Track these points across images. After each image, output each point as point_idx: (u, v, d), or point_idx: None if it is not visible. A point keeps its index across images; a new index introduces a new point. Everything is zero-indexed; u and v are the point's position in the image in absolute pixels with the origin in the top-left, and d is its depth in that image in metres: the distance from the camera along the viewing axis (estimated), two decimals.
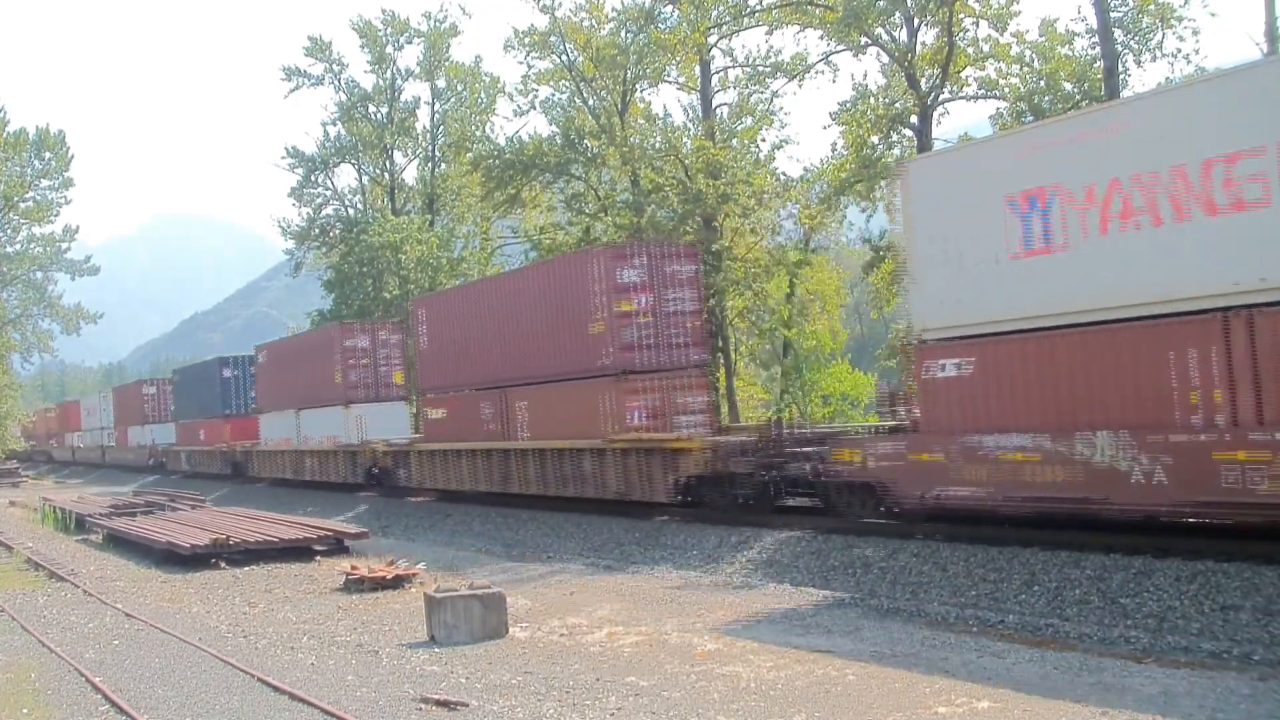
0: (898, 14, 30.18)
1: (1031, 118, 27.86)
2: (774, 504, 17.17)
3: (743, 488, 17.34)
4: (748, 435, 18.70)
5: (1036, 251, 12.38)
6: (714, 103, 38.04)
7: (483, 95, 50.36)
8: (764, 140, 37.93)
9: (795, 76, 34.52)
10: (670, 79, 38.92)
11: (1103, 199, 11.76)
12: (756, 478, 16.96)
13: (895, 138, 31.94)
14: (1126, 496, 11.33)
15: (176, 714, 8.92)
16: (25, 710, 9.36)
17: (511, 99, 44.24)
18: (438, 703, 8.75)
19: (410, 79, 51.25)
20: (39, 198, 61.56)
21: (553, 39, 38.65)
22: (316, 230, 52.83)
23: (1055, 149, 12.39)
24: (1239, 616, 9.77)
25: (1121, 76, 26.17)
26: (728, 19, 34.35)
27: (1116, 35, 26.33)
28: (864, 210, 33.90)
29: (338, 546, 19.07)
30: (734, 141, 37.17)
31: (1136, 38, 26.83)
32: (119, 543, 22.10)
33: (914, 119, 30.81)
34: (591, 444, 19.65)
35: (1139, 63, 27.02)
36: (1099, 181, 11.81)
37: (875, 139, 31.55)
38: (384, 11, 50.47)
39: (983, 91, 30.94)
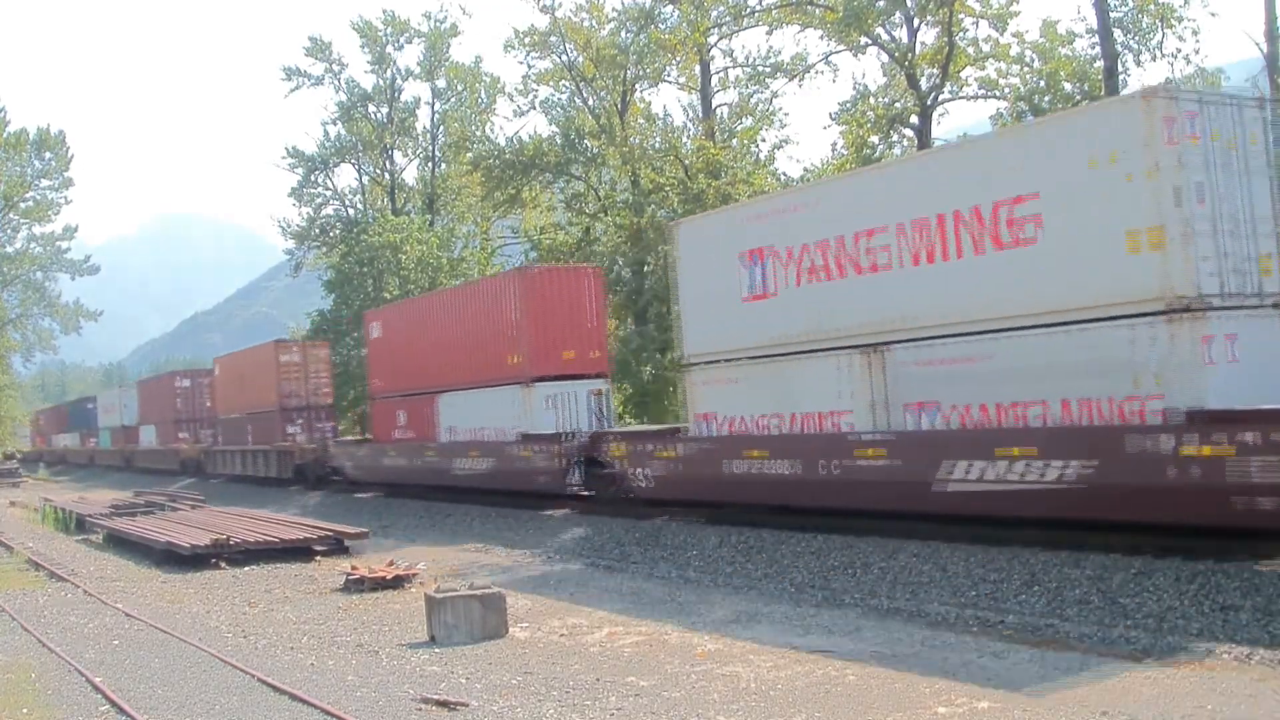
0: (898, 14, 30.22)
1: (1032, 117, 27.92)
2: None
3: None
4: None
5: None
6: (714, 103, 38.09)
7: (483, 95, 50.43)
8: (764, 140, 38.01)
9: (795, 76, 34.59)
10: (670, 79, 39.01)
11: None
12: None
13: (895, 138, 32.00)
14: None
15: (176, 714, 8.92)
16: (25, 710, 9.36)
17: (511, 99, 44.42)
18: (438, 703, 8.75)
19: (410, 79, 51.37)
20: (39, 198, 61.81)
21: (553, 39, 38.70)
22: (316, 230, 52.89)
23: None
24: (1239, 616, 9.77)
25: (1121, 77, 26.22)
26: (728, 19, 34.38)
27: (1116, 35, 26.38)
28: None
29: (338, 546, 19.06)
30: (734, 141, 37.18)
31: (1136, 38, 26.89)
32: (119, 543, 22.10)
33: (914, 119, 30.85)
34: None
35: (1139, 63, 27.10)
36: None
37: (875, 139, 31.57)
38: (384, 11, 50.59)
39: (983, 91, 31.00)
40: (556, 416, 21.37)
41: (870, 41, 30.93)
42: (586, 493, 20.50)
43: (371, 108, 51.39)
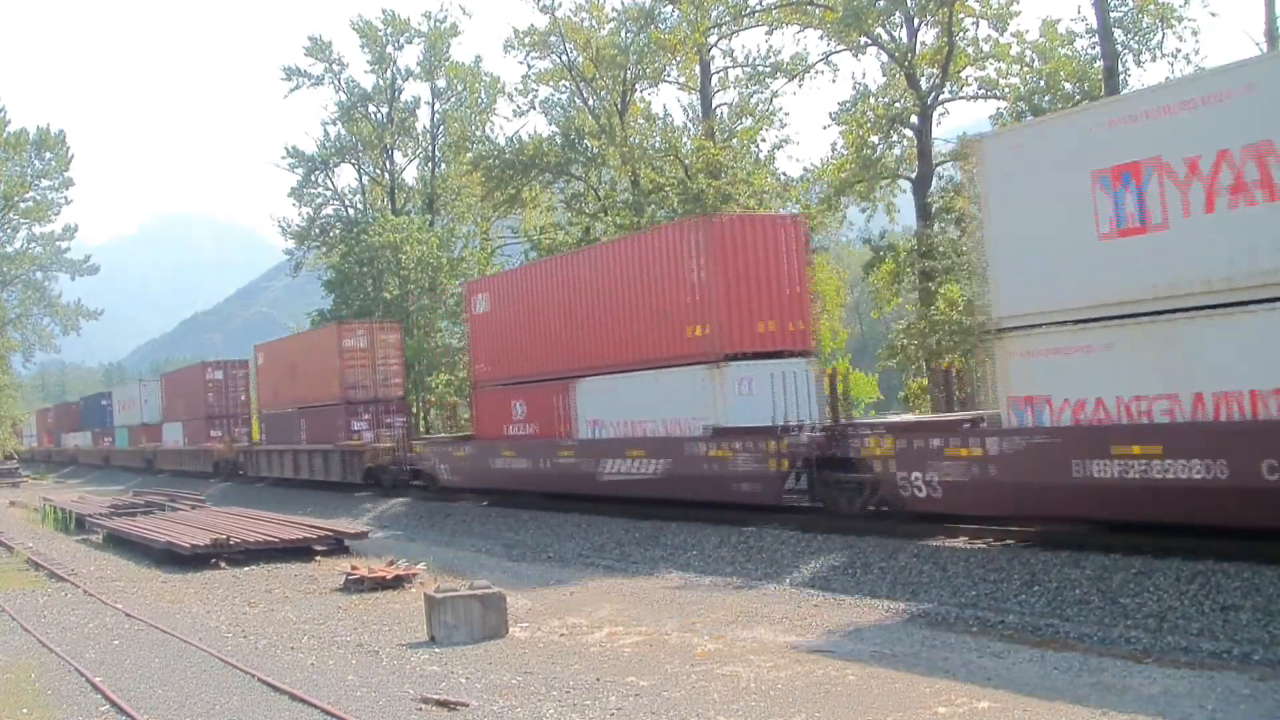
0: (898, 14, 30.23)
1: (1031, 118, 27.93)
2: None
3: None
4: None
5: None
6: (714, 103, 38.09)
7: (483, 95, 50.45)
8: (764, 140, 38.01)
9: (795, 76, 34.58)
10: (670, 79, 39.04)
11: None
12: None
13: (895, 137, 32.00)
14: None
15: (176, 714, 8.91)
16: (25, 710, 9.35)
17: (511, 99, 44.46)
18: (438, 703, 8.75)
19: (410, 79, 51.40)
20: (39, 197, 61.76)
21: (553, 39, 38.71)
22: (316, 230, 52.93)
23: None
24: (1239, 616, 9.77)
25: (1121, 77, 26.22)
26: (727, 19, 34.38)
27: (1116, 35, 26.38)
28: (864, 210, 33.89)
29: (338, 546, 19.07)
30: (734, 141, 37.19)
31: (1136, 38, 26.90)
32: (119, 543, 22.10)
33: (914, 119, 30.84)
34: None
35: (1139, 63, 27.10)
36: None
37: (875, 139, 31.58)
38: (384, 11, 50.61)
39: (983, 91, 31.00)
40: (772, 406, 16.55)
41: (870, 41, 30.94)
42: (811, 505, 15.92)
43: (371, 108, 51.41)
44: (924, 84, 30.56)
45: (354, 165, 53.23)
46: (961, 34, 29.85)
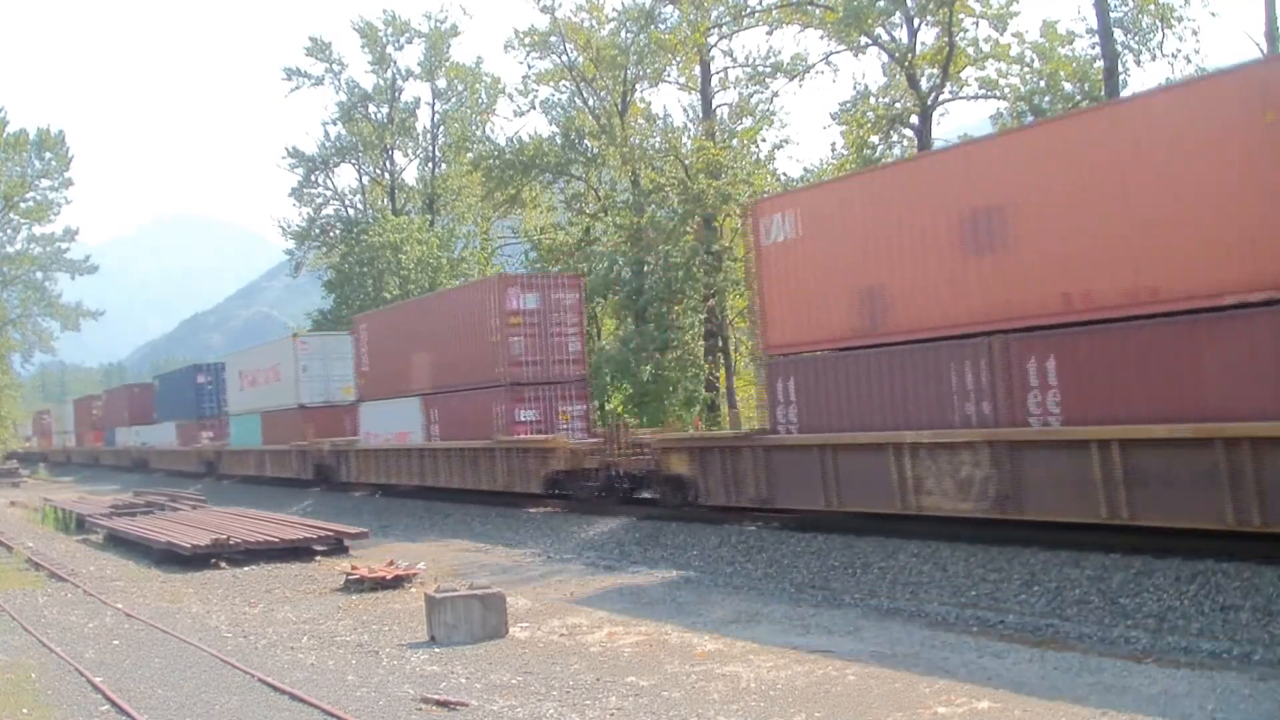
0: (898, 14, 30.21)
1: (1032, 118, 27.93)
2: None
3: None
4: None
5: None
6: (714, 103, 38.04)
7: (483, 95, 50.48)
8: (764, 140, 37.94)
9: (795, 76, 34.53)
10: (670, 79, 38.98)
11: None
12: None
13: (895, 137, 31.99)
14: None
15: (176, 714, 8.92)
16: (25, 710, 9.35)
17: (512, 99, 44.49)
18: (438, 703, 8.75)
19: (411, 79, 51.46)
20: (39, 198, 61.84)
21: (553, 39, 38.70)
22: (316, 230, 52.98)
23: None
24: (1239, 616, 9.77)
25: (1121, 77, 26.21)
26: (728, 19, 34.36)
27: (1116, 35, 26.35)
28: None
29: (338, 546, 19.07)
30: (734, 141, 37.16)
31: (1136, 38, 26.87)
32: (119, 543, 22.10)
33: (914, 119, 30.82)
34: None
35: (1139, 63, 27.08)
36: None
37: (875, 139, 31.58)
38: (385, 12, 50.87)
39: (983, 91, 30.97)
40: None
41: (870, 41, 30.93)
42: None
43: (372, 108, 51.47)
44: (924, 84, 30.55)
45: (354, 165, 53.34)
46: (961, 34, 29.84)
